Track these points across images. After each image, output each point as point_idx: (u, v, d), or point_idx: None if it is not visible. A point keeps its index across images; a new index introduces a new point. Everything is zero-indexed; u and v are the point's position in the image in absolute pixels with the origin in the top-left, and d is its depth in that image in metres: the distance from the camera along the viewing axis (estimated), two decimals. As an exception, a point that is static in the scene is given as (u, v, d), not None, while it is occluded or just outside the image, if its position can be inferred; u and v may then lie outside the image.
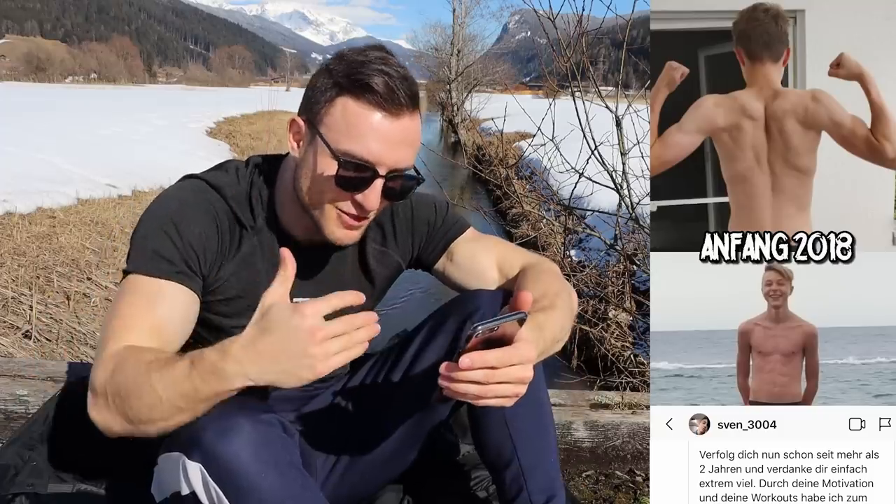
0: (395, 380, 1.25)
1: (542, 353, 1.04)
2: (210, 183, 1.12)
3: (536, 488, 1.15)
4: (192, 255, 1.05)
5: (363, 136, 1.01)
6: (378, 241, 1.25)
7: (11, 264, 4.13)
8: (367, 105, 1.01)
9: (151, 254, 1.03)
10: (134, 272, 1.03)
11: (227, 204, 1.11)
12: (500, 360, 0.88)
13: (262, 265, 1.14)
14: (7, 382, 1.75)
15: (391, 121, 1.02)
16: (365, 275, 1.25)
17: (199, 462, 0.89)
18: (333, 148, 1.03)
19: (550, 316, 1.08)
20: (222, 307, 1.13)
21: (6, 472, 1.33)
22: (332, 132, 1.03)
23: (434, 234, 1.27)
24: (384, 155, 1.02)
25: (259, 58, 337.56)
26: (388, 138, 1.02)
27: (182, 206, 1.08)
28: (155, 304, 1.01)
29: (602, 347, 3.53)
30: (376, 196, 1.04)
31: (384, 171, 1.03)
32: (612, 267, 4.53)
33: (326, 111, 1.04)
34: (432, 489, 1.44)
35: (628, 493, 1.72)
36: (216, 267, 1.10)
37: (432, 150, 6.19)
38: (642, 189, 3.12)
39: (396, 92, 1.01)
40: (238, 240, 1.12)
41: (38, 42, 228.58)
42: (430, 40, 30.32)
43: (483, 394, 0.89)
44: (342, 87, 1.03)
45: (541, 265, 1.23)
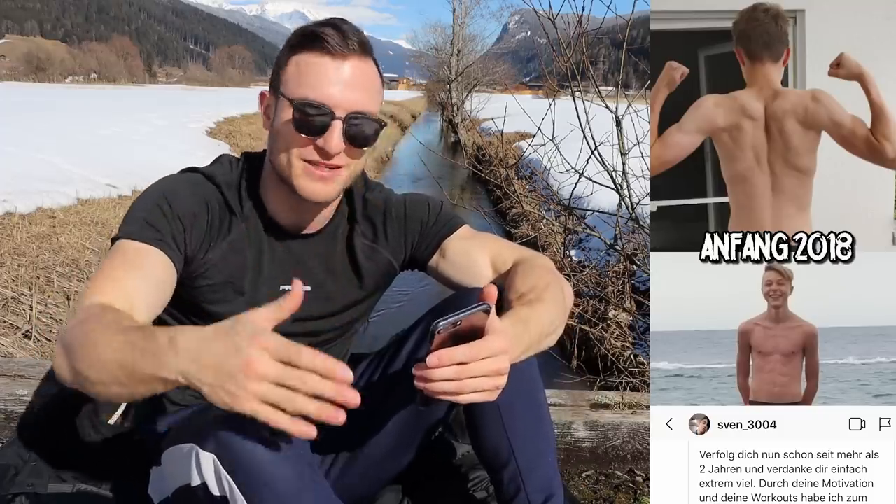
0: (390, 379, 1.24)
1: (528, 347, 1.02)
2: (205, 173, 1.17)
3: (534, 488, 1.15)
4: (179, 228, 1.08)
5: (316, 80, 1.05)
6: (368, 237, 1.25)
7: (11, 264, 4.13)
8: (316, 53, 1.06)
9: (140, 221, 1.06)
10: (120, 237, 1.06)
11: (219, 190, 1.14)
12: (469, 355, 0.87)
13: (249, 252, 1.16)
14: (7, 382, 1.75)
15: (340, 63, 1.06)
16: (354, 270, 1.25)
17: (213, 453, 0.90)
18: (289, 97, 1.06)
19: (536, 309, 1.06)
20: (210, 294, 1.14)
21: (6, 472, 1.34)
22: (289, 87, 1.07)
23: (427, 232, 1.27)
24: (337, 96, 1.05)
25: (259, 58, 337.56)
26: (339, 80, 1.05)
27: (176, 186, 1.13)
28: (133, 266, 1.03)
29: (602, 347, 3.53)
30: (337, 139, 1.05)
31: (342, 114, 1.05)
32: (612, 267, 4.53)
33: (284, 72, 1.09)
34: (431, 490, 1.44)
35: (628, 493, 1.72)
36: (203, 249, 1.12)
37: (432, 150, 6.18)
38: (642, 189, 3.12)
39: (344, 37, 1.05)
40: (227, 225, 1.15)
41: (38, 42, 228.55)
42: (430, 40, 30.36)
43: (460, 390, 0.88)
44: (294, 46, 1.09)
45: (532, 260, 1.21)
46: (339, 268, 1.24)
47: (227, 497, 0.90)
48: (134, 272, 1.02)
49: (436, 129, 28.13)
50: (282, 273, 1.18)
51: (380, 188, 1.29)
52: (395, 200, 1.28)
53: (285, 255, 1.19)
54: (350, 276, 1.25)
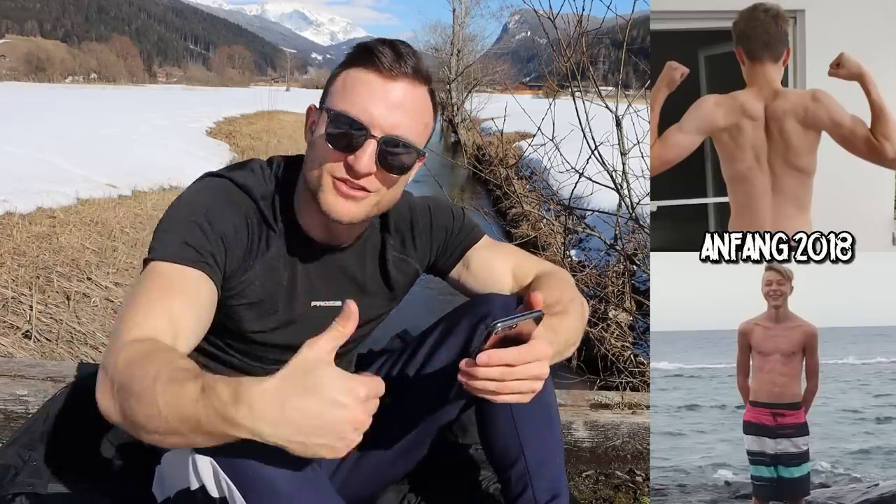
0: (406, 380, 1.25)
1: (556, 354, 1.05)
2: (237, 182, 1.11)
3: (541, 487, 1.16)
4: (220, 248, 1.03)
5: (359, 96, 1.01)
6: (398, 248, 1.25)
7: (11, 264, 4.13)
8: (365, 69, 1.02)
9: (178, 242, 1.00)
10: (157, 259, 0.99)
11: (256, 204, 1.10)
12: (518, 358, 0.90)
13: (283, 269, 1.13)
14: (7, 382, 1.75)
15: (387, 82, 1.01)
16: (385, 283, 1.25)
17: (211, 455, 0.89)
18: (328, 108, 1.03)
19: (564, 320, 1.11)
20: (244, 311, 1.11)
21: (6, 472, 1.33)
22: (332, 100, 1.05)
23: (451, 241, 1.28)
24: (377, 115, 1.00)
25: (259, 58, 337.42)
26: (383, 99, 1.01)
27: (214, 201, 1.06)
28: (176, 291, 0.97)
29: (602, 347, 3.52)
30: (368, 159, 1.00)
31: (377, 133, 1.01)
32: (612, 267, 4.53)
33: (332, 86, 1.06)
34: (435, 489, 1.45)
35: (628, 493, 1.72)
36: (242, 268, 1.08)
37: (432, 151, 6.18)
38: (642, 189, 3.12)
39: (398, 57, 1.01)
40: (266, 241, 1.11)
41: (38, 42, 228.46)
42: (430, 40, 30.31)
43: (500, 390, 0.91)
44: (347, 62, 1.05)
45: (556, 273, 1.25)
46: (371, 281, 1.23)
47: (226, 499, 0.90)
48: (177, 298, 0.96)
49: (436, 129, 28.08)
50: (314, 289, 1.17)
51: (402, 194, 1.27)
52: (419, 208, 1.27)
53: (318, 270, 1.17)
54: (382, 289, 1.25)
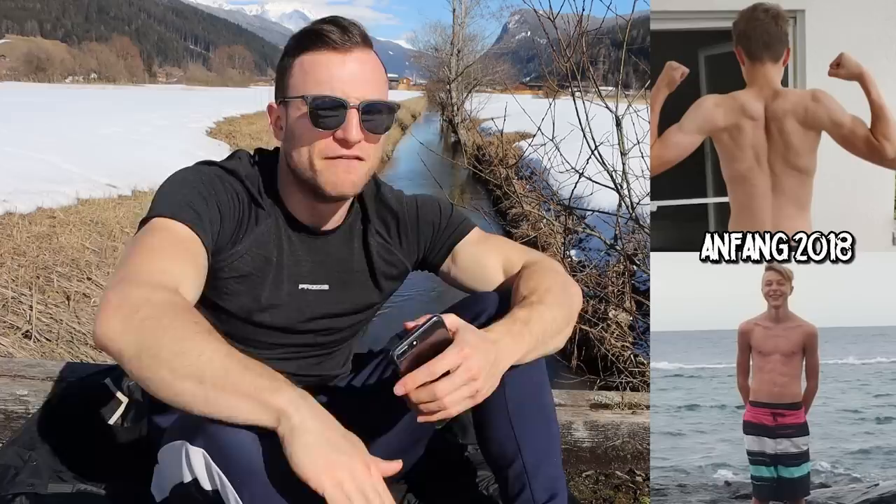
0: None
1: (532, 347, 1.06)
2: (225, 168, 1.16)
3: (539, 486, 1.16)
4: (216, 216, 1.07)
5: (325, 76, 1.07)
6: (383, 235, 1.27)
7: (11, 264, 4.13)
8: (318, 51, 1.07)
9: (181, 203, 1.04)
10: (161, 216, 1.02)
11: (243, 184, 1.14)
12: (430, 374, 0.91)
13: (272, 246, 1.16)
14: (7, 382, 1.75)
15: (345, 55, 1.07)
16: (369, 269, 1.26)
17: (202, 447, 0.90)
18: (302, 96, 1.07)
19: (536, 310, 1.09)
20: (235, 285, 1.14)
21: (6, 472, 1.34)
22: (297, 88, 1.09)
23: (439, 235, 1.29)
24: (348, 87, 1.06)
25: (259, 58, 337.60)
26: (347, 72, 1.07)
27: (209, 176, 1.11)
28: (179, 248, 1.00)
29: (602, 347, 3.53)
30: (355, 128, 1.06)
31: (355, 103, 1.06)
32: (612, 267, 4.53)
33: (290, 76, 1.10)
34: (433, 489, 1.45)
35: (628, 493, 1.72)
36: (233, 241, 1.11)
37: (432, 151, 6.18)
38: (642, 189, 3.12)
39: (345, 31, 1.07)
40: (255, 217, 1.15)
41: (38, 42, 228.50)
42: (430, 40, 30.35)
43: (441, 407, 0.92)
44: (294, 51, 1.10)
45: (539, 263, 1.24)
46: (356, 267, 1.25)
47: (218, 491, 0.90)
48: (181, 255, 0.99)
49: (436, 129, 28.12)
50: (301, 272, 1.19)
51: (390, 189, 1.30)
52: (406, 202, 1.29)
53: (305, 253, 1.19)
54: (366, 276, 1.26)
